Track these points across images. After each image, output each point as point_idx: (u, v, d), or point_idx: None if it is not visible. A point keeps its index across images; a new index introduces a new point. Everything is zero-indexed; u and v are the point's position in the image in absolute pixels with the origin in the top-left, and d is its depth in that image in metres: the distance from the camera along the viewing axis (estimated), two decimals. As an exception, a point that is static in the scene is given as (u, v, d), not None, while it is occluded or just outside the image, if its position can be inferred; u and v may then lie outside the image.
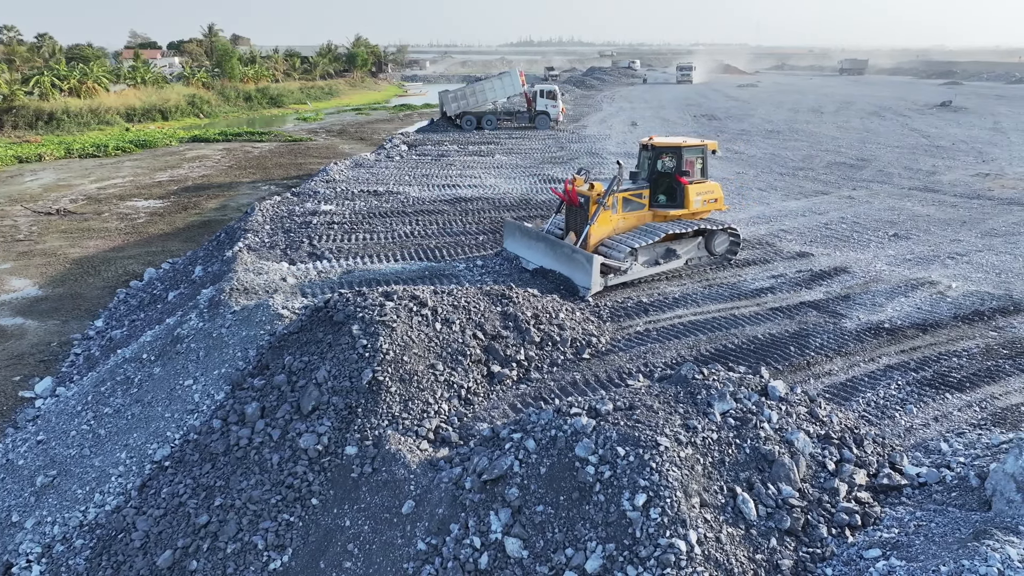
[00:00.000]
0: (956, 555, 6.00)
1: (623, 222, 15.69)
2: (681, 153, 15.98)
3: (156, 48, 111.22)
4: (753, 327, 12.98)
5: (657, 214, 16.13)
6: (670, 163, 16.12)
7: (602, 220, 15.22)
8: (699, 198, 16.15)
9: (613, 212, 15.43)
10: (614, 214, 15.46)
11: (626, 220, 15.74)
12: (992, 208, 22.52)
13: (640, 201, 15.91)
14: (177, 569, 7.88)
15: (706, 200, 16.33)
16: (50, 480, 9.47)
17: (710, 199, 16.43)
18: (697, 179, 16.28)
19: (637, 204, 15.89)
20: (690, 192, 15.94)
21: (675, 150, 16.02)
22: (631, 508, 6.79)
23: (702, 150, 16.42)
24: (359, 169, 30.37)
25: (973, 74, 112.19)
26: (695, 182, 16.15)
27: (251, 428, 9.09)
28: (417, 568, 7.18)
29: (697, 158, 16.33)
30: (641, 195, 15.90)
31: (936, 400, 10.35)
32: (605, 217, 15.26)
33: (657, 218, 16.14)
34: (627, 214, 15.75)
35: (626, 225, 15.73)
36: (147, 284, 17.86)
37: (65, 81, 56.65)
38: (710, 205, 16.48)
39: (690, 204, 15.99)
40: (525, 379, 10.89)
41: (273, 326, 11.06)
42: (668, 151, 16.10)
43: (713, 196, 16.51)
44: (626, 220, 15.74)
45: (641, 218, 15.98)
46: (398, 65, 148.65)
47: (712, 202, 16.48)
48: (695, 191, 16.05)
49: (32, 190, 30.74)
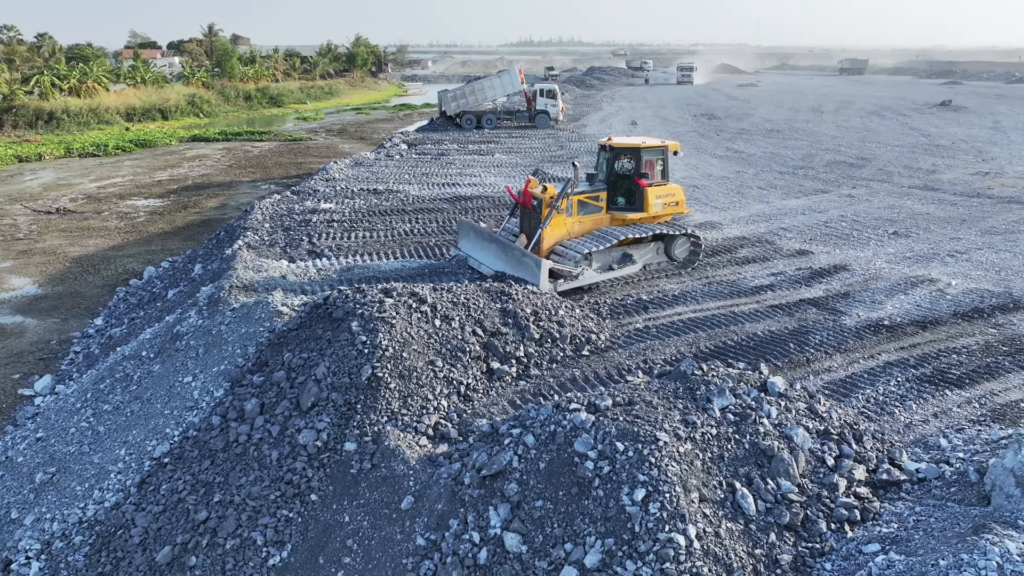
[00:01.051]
0: (955, 549, 6.00)
1: (578, 226, 15.14)
2: (640, 154, 15.41)
3: (156, 48, 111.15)
4: (753, 324, 12.98)
5: (615, 217, 15.58)
6: (628, 165, 15.55)
7: (555, 223, 14.73)
8: (659, 201, 15.56)
9: (567, 215, 14.91)
10: (568, 217, 14.94)
11: (582, 224, 15.20)
12: (992, 206, 22.52)
13: (597, 204, 15.38)
14: (176, 565, 7.89)
15: (667, 203, 15.73)
16: (49, 477, 9.47)
17: (671, 202, 15.83)
18: (657, 181, 15.73)
19: (594, 207, 15.35)
20: (649, 195, 15.39)
21: (633, 151, 15.47)
22: (630, 503, 6.79)
23: (662, 151, 15.83)
24: (359, 168, 30.38)
25: (973, 74, 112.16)
26: (655, 184, 15.61)
27: (250, 425, 9.09)
28: (416, 563, 7.18)
29: (657, 159, 15.75)
30: (598, 198, 15.37)
31: (935, 397, 10.35)
32: (559, 220, 14.77)
33: (615, 222, 15.58)
34: (583, 217, 15.20)
35: (581, 229, 15.17)
36: (147, 282, 17.87)
37: (65, 81, 56.64)
38: (671, 208, 15.88)
39: (649, 207, 15.42)
40: (524, 376, 10.89)
41: (272, 323, 11.06)
42: (626, 152, 15.55)
43: (674, 199, 15.92)
44: (582, 224, 15.20)
45: (598, 222, 15.44)
46: (398, 65, 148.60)
47: (673, 205, 15.88)
48: (655, 194, 15.50)
49: (32, 189, 30.75)
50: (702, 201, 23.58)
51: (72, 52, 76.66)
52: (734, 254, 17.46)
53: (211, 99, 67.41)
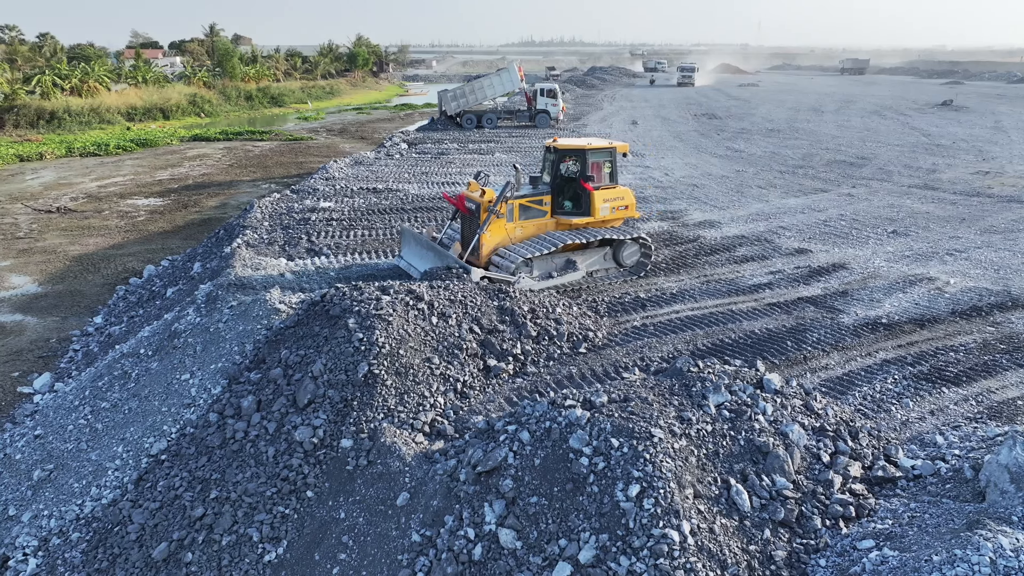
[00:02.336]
0: (949, 545, 6.01)
1: (521, 231, 14.63)
2: (586, 156, 14.88)
3: (158, 48, 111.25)
4: (750, 322, 12.98)
5: (560, 222, 15.07)
6: (574, 167, 15.00)
7: (495, 229, 14.20)
8: (606, 205, 15.05)
9: (508, 220, 14.39)
10: (509, 222, 14.42)
11: (524, 229, 14.68)
12: (992, 205, 22.50)
13: (541, 208, 14.87)
14: (172, 561, 7.90)
15: (615, 207, 15.23)
16: (47, 474, 9.50)
17: (619, 206, 15.32)
18: (605, 184, 15.25)
19: (537, 211, 14.84)
20: (596, 198, 14.89)
21: (579, 153, 14.94)
22: (625, 499, 6.79)
23: (610, 153, 15.34)
24: (359, 167, 30.41)
25: (974, 74, 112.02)
26: (602, 188, 15.11)
27: (247, 421, 9.10)
28: (411, 559, 7.19)
29: (605, 161, 15.25)
30: (541, 201, 14.87)
31: (932, 394, 10.36)
32: (498, 226, 14.25)
33: (561, 227, 15.08)
34: (525, 222, 14.68)
35: (524, 234, 14.69)
36: (146, 281, 17.90)
37: (66, 80, 56.74)
38: (620, 213, 15.38)
39: (596, 212, 14.92)
40: (521, 373, 10.90)
41: (270, 320, 11.08)
42: (571, 154, 15.01)
43: (623, 203, 15.40)
44: (524, 229, 14.68)
45: (542, 226, 14.93)
46: (399, 65, 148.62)
47: (622, 209, 15.39)
48: (601, 197, 14.99)
49: (33, 188, 30.80)
50: (701, 200, 23.58)
51: (74, 52, 76.79)
52: (733, 252, 17.46)
53: (212, 99, 67.48)
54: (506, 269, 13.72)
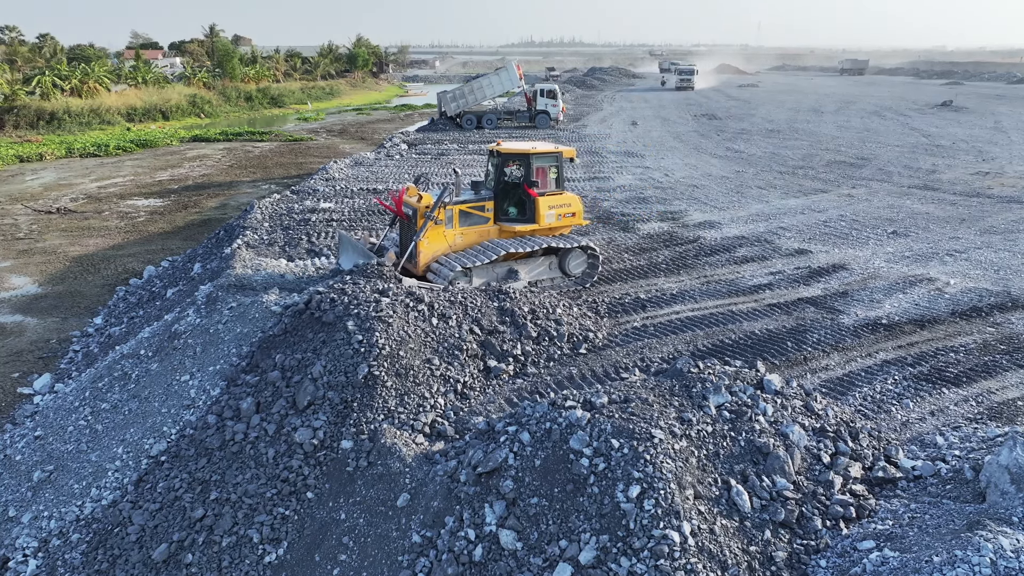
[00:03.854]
0: (949, 545, 6.01)
1: (461, 238, 14.07)
2: (530, 161, 14.33)
3: (157, 48, 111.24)
4: (751, 323, 12.98)
5: (504, 230, 14.51)
6: (518, 172, 14.49)
7: (433, 236, 13.64)
8: (552, 212, 14.54)
9: (448, 227, 13.85)
10: (449, 229, 13.87)
11: (465, 236, 14.12)
12: (991, 206, 22.51)
13: (483, 215, 14.33)
14: (172, 562, 7.90)
15: (561, 214, 14.73)
16: (47, 475, 9.49)
17: (566, 213, 14.83)
18: (551, 190, 14.72)
19: (479, 218, 14.31)
20: (540, 205, 14.38)
21: (523, 157, 14.40)
22: (625, 500, 6.79)
23: (556, 157, 14.79)
24: (359, 167, 30.42)
25: (974, 74, 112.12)
26: (548, 194, 14.58)
27: (246, 423, 9.10)
28: (412, 560, 7.19)
29: (550, 167, 14.71)
30: (483, 208, 14.32)
31: (932, 395, 10.37)
32: (436, 233, 13.68)
33: (504, 234, 14.53)
34: (466, 229, 14.13)
35: (465, 241, 14.11)
36: (146, 282, 17.89)
37: (66, 81, 56.70)
38: (567, 220, 14.88)
39: (541, 219, 14.41)
40: (521, 374, 10.91)
41: (265, 324, 11.06)
42: (515, 158, 14.49)
43: (570, 210, 14.90)
44: (465, 236, 14.12)
45: (484, 234, 14.38)
46: (399, 65, 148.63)
47: (569, 216, 14.91)
48: (547, 204, 14.47)
49: (33, 189, 30.80)
50: (701, 200, 23.59)
51: (74, 52, 76.75)
52: (733, 253, 17.46)
53: (212, 99, 67.49)
54: (444, 278, 13.11)
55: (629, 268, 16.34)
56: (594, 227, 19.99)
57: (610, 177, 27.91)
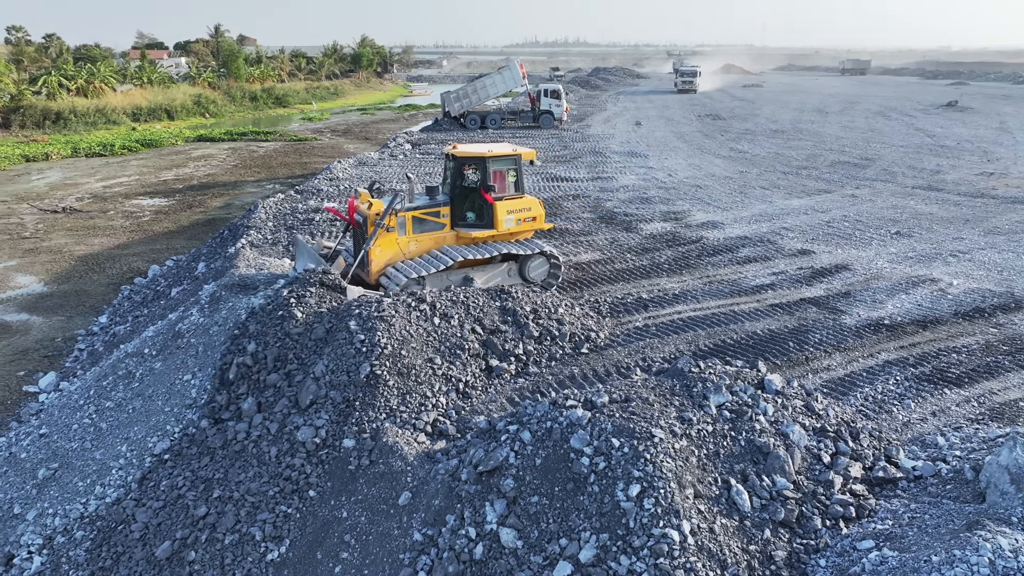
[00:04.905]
0: (948, 545, 6.02)
1: (416, 245, 13.62)
2: (486, 164, 13.85)
3: (163, 48, 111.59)
4: (752, 323, 12.99)
5: (461, 236, 14.07)
6: (474, 176, 13.99)
7: (385, 244, 13.20)
8: (511, 217, 14.09)
9: (401, 234, 13.39)
10: (402, 236, 13.41)
11: (420, 243, 13.69)
12: (996, 207, 22.45)
13: (438, 221, 13.88)
14: (176, 560, 7.96)
15: (521, 219, 14.27)
16: (52, 473, 9.55)
17: (526, 218, 14.36)
18: (510, 195, 14.27)
19: (434, 224, 13.84)
20: (498, 210, 13.93)
21: (479, 161, 13.91)
22: (625, 499, 6.82)
23: (515, 160, 14.31)
24: (362, 167, 30.50)
25: (979, 74, 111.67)
26: (507, 198, 14.15)
27: (248, 423, 9.15)
28: (413, 558, 7.23)
29: (509, 170, 14.25)
30: (439, 214, 13.87)
31: (934, 395, 10.36)
32: (388, 240, 13.23)
33: (461, 240, 14.09)
34: (420, 236, 13.68)
35: (419, 249, 13.68)
36: (151, 281, 17.98)
37: (72, 81, 56.95)
38: (527, 225, 14.43)
39: (499, 224, 13.97)
40: (523, 373, 10.94)
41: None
42: (471, 162, 13.99)
43: (531, 214, 14.43)
44: (420, 243, 13.69)
45: (440, 240, 13.92)
46: (404, 65, 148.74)
47: (529, 221, 14.46)
48: (505, 208, 14.02)
49: (39, 188, 30.96)
50: (705, 201, 23.59)
51: (79, 52, 76.95)
52: (736, 253, 17.47)
53: (217, 99, 67.70)
54: (395, 286, 12.65)
55: (632, 268, 16.36)
56: (597, 227, 20.02)
57: (613, 177, 27.93)
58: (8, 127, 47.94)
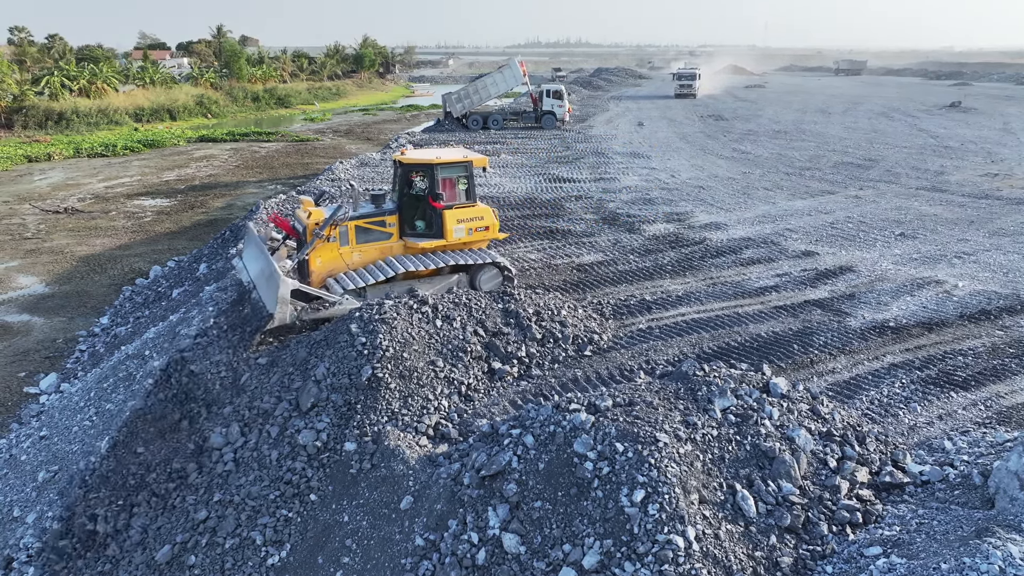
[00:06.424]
0: (957, 553, 5.94)
1: (359, 255, 13.12)
2: (434, 172, 13.33)
3: (165, 49, 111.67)
4: (757, 325, 12.91)
5: (409, 246, 13.53)
6: (422, 184, 13.47)
7: (324, 254, 12.73)
8: (461, 226, 13.58)
9: (343, 244, 12.91)
10: (344, 246, 12.92)
11: (364, 253, 13.17)
12: (1000, 208, 22.34)
13: (384, 230, 13.36)
14: (175, 564, 7.91)
15: (472, 228, 13.78)
16: (52, 475, 9.51)
17: (478, 227, 13.87)
18: (460, 203, 13.73)
19: (380, 234, 13.33)
20: (448, 219, 13.41)
21: (427, 168, 13.37)
22: (629, 504, 6.75)
23: (465, 167, 13.77)
24: (364, 168, 30.42)
25: (983, 75, 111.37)
26: (457, 206, 13.60)
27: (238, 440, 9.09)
28: (415, 563, 7.16)
29: (459, 177, 13.74)
30: (384, 223, 13.35)
31: (941, 399, 10.27)
32: (329, 250, 12.77)
33: (409, 251, 13.55)
34: (364, 246, 13.16)
35: (364, 259, 13.18)
36: (152, 282, 17.94)
37: (75, 81, 57.02)
38: (479, 234, 13.92)
39: (449, 233, 13.45)
40: (526, 376, 10.87)
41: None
42: (418, 169, 13.45)
43: (483, 223, 13.93)
44: (364, 253, 13.17)
45: (386, 250, 13.38)
46: (406, 66, 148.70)
47: (482, 231, 13.96)
48: (455, 217, 13.49)
49: (41, 189, 30.96)
50: (708, 202, 23.50)
51: (82, 53, 77.02)
52: (739, 255, 17.38)
53: (219, 100, 67.74)
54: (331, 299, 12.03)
55: (635, 270, 16.28)
56: (599, 228, 19.95)
57: (616, 178, 27.84)
58: (11, 127, 47.99)
